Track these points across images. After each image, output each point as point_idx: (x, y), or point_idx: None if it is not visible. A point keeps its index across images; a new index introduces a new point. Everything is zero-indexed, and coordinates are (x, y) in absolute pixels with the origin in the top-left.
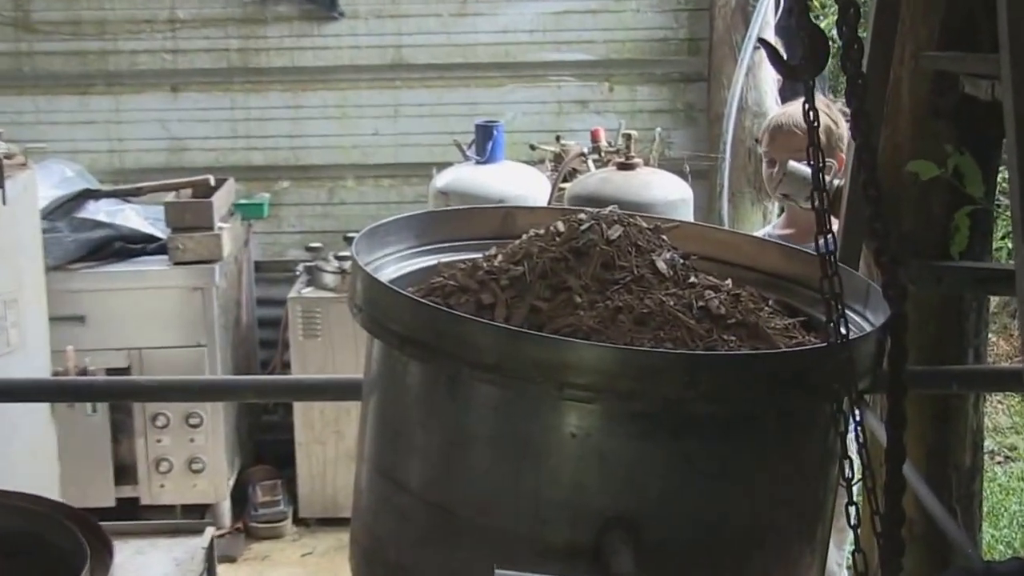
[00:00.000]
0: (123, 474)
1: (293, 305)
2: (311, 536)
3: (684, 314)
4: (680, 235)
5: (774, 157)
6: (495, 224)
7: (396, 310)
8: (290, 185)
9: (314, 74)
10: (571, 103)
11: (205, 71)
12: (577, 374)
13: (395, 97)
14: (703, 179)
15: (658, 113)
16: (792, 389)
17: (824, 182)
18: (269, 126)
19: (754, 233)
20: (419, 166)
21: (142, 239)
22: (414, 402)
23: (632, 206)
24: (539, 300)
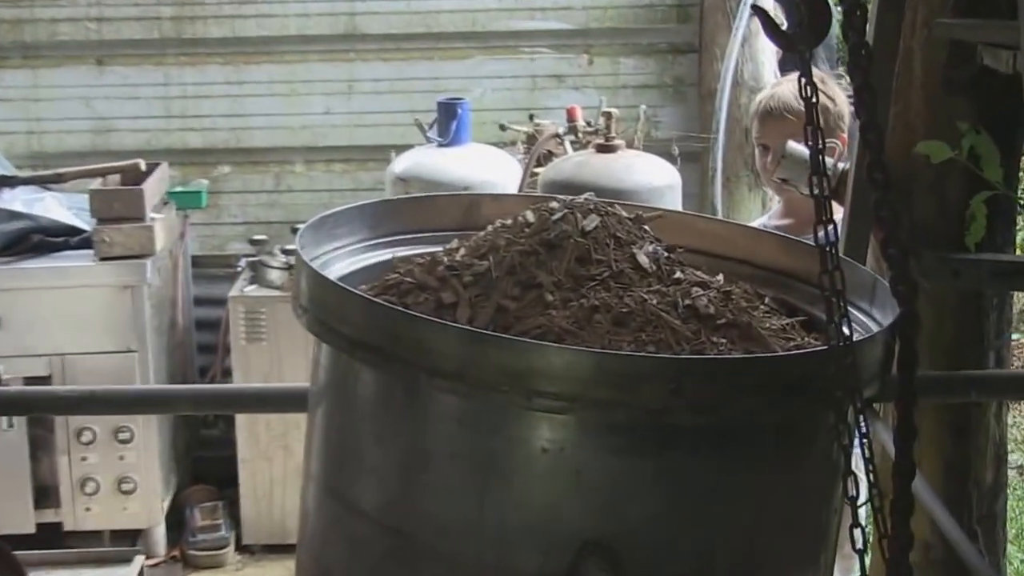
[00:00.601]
0: (44, 496)
1: (235, 305)
2: (256, 565)
3: (668, 314)
4: (665, 225)
5: (766, 143)
6: (458, 214)
7: (346, 311)
8: (231, 171)
9: (258, 45)
10: (546, 78)
11: (134, 42)
12: (548, 381)
13: (349, 71)
14: (694, 162)
15: (643, 89)
16: (790, 398)
17: (824, 165)
18: (207, 104)
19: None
20: (376, 149)
21: (64, 231)
22: (367, 414)
23: (613, 193)
24: (506, 299)
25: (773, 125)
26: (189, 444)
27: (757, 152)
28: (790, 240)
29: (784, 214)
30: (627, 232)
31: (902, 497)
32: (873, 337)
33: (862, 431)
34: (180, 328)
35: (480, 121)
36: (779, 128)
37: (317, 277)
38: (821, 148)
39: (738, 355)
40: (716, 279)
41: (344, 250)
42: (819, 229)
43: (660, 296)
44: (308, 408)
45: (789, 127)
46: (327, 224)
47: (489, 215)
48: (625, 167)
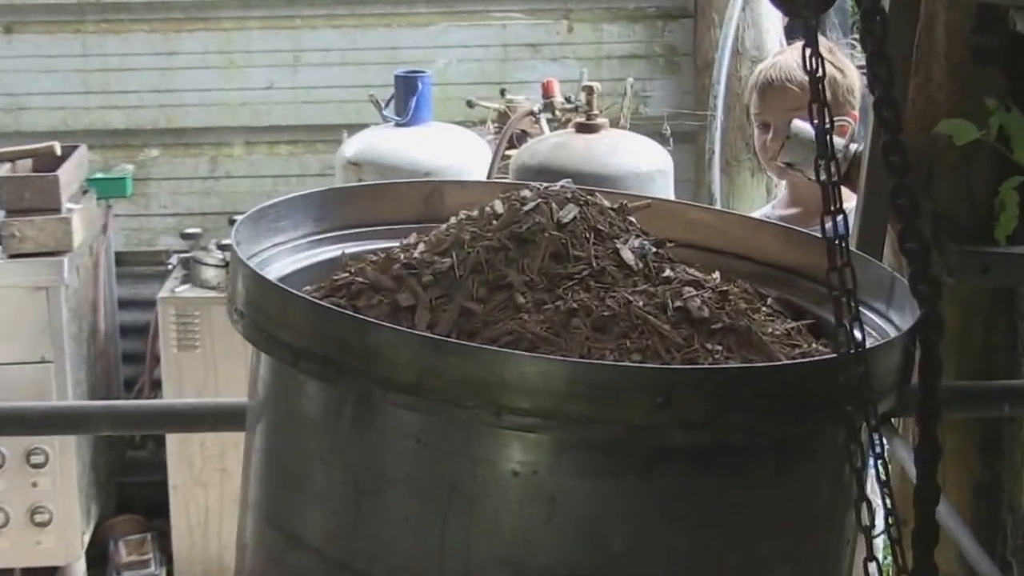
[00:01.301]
0: None
1: (165, 308)
2: None
3: (657, 317)
4: (654, 216)
5: (766, 120)
6: (418, 204)
7: (288, 316)
8: (160, 154)
9: (190, 11)
10: (519, 47)
11: (48, 6)
12: (519, 395)
13: (295, 40)
14: (688, 143)
15: (630, 59)
16: (794, 413)
17: (833, 147)
18: (132, 78)
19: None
20: (325, 129)
21: None
22: (312, 433)
23: (595, 179)
24: (471, 301)
25: (774, 99)
26: (113, 468)
27: (756, 131)
28: (796, 232)
29: (790, 202)
30: (610, 224)
31: (925, 526)
32: (890, 343)
33: (877, 450)
34: (102, 335)
35: (444, 97)
36: (781, 103)
37: (255, 277)
38: (829, 127)
39: (736, 364)
40: (711, 277)
41: (287, 246)
42: (827, 220)
43: (647, 297)
44: (246, 427)
45: (792, 101)
46: (268, 216)
47: (453, 205)
48: (609, 149)
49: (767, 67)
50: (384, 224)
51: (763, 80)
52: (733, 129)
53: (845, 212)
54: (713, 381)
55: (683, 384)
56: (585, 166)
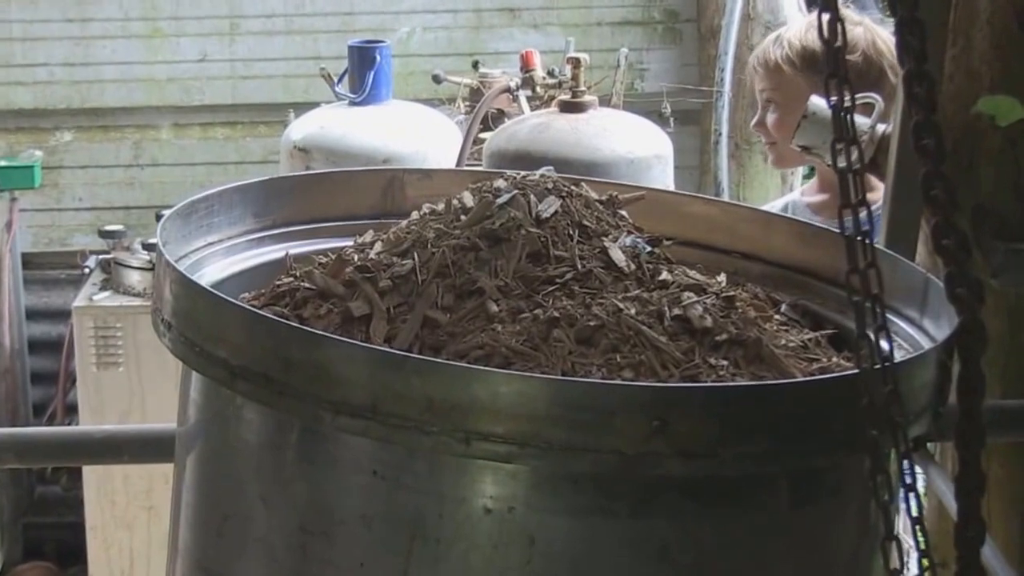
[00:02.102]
0: None
1: (81, 319)
2: None
3: (652, 327)
4: (649, 209)
5: (772, 99)
6: (374, 196)
7: (223, 327)
8: (74, 138)
9: None
10: (495, 12)
11: None
12: (492, 419)
13: (231, 5)
14: (691, 124)
15: (624, 26)
16: (812, 439)
17: (852, 127)
18: (41, 49)
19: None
20: (268, 108)
21: None
22: (252, 465)
23: (581, 166)
24: (436, 310)
25: (781, 77)
26: (19, 507)
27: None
28: (814, 228)
29: (820, 188)
30: (597, 219)
31: (968, 568)
32: (922, 356)
33: (909, 482)
34: (6, 351)
35: (406, 71)
36: (789, 80)
37: (185, 283)
38: (850, 105)
39: (744, 382)
40: (716, 281)
41: (222, 246)
42: (848, 213)
43: (640, 304)
44: (175, 457)
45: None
46: (200, 210)
47: (415, 197)
48: (598, 131)
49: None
50: (335, 220)
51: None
52: (743, 107)
53: (869, 204)
54: (717, 402)
55: (682, 406)
56: (570, 151)
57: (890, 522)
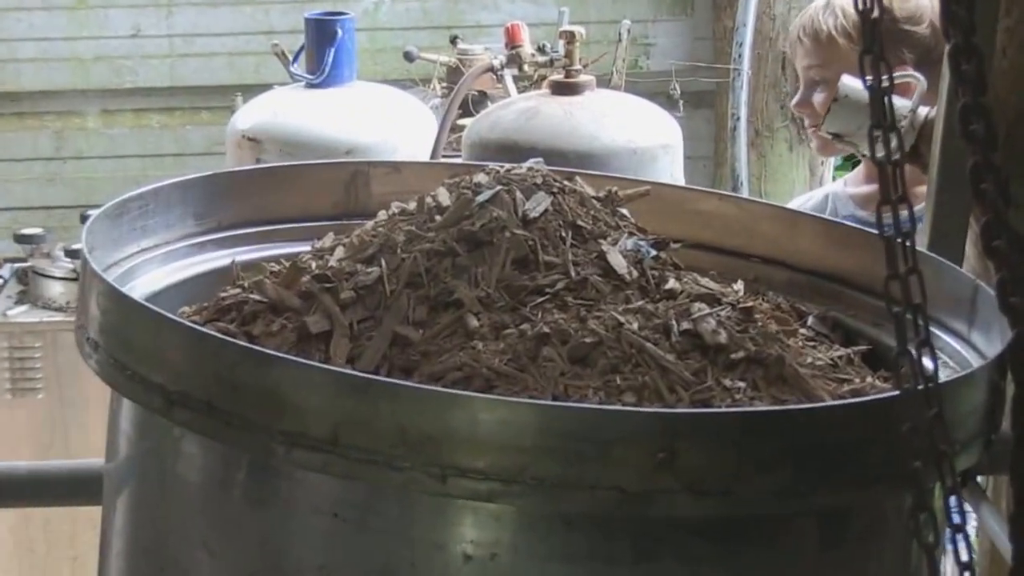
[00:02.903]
0: None
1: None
2: None
3: (657, 344)
4: (654, 207)
5: (816, 76)
6: (335, 193)
7: (159, 347)
8: None
9: None
10: None
11: None
12: (472, 452)
13: None
14: (705, 107)
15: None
16: (843, 473)
17: (892, 112)
18: None
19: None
20: (212, 91)
21: None
22: (193, 508)
23: (575, 158)
24: (406, 325)
25: (833, 51)
26: None
27: (800, 90)
28: (845, 228)
29: (867, 178)
30: (594, 219)
31: None
32: (971, 375)
33: (956, 521)
34: None
35: (373, 47)
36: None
37: (114, 295)
38: (888, 86)
39: (763, 406)
40: (732, 289)
41: (158, 252)
42: (885, 210)
43: (644, 317)
44: (103, 499)
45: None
46: (132, 210)
47: (382, 194)
48: (595, 117)
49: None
50: (290, 221)
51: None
52: (764, 88)
53: (910, 200)
54: (733, 430)
55: (693, 435)
56: (563, 140)
57: (935, 566)
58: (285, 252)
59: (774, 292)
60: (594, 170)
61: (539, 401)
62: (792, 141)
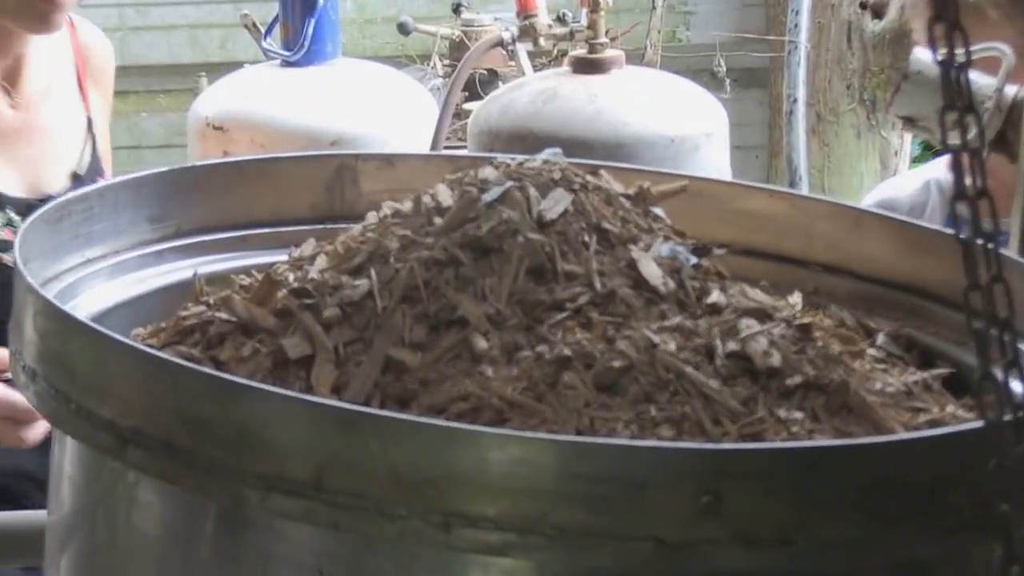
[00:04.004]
0: None
1: None
2: None
3: (699, 368)
4: (694, 206)
5: None
6: (316, 191)
7: (108, 376)
8: None
9: None
10: None
11: None
12: (480, 496)
13: None
14: (755, 88)
15: None
16: (920, 518)
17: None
18: None
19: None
20: (171, 72)
21: None
22: (151, 566)
23: (601, 148)
24: (402, 348)
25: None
26: None
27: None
28: (921, 230)
29: None
30: (623, 221)
31: None
32: None
33: None
34: None
35: (362, 19)
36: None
37: (55, 315)
38: (965, 60)
39: (825, 441)
40: (787, 303)
41: (106, 263)
42: (961, 208)
43: (683, 336)
44: (45, 556)
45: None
46: (74, 214)
47: (372, 193)
48: (625, 100)
49: None
50: (263, 225)
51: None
52: (826, 64)
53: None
54: (790, 469)
55: (742, 475)
56: (586, 127)
57: None
58: (258, 262)
59: (837, 305)
60: (623, 162)
61: (560, 436)
62: (860, 127)
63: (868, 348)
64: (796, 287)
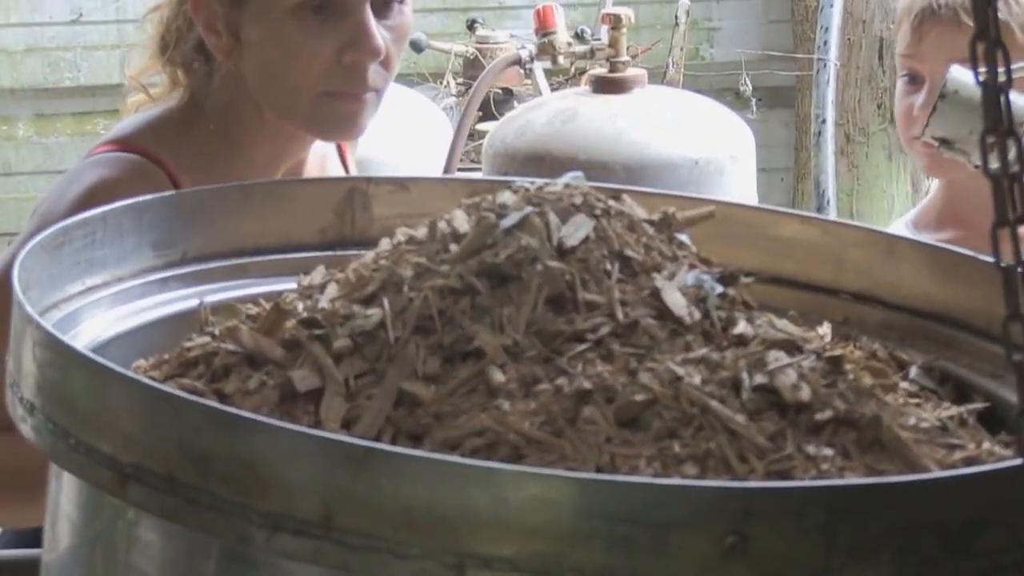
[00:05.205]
0: None
1: None
2: None
3: (725, 402)
4: (720, 232)
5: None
6: (325, 216)
7: (109, 410)
8: None
9: None
10: None
11: None
12: (497, 537)
13: None
14: (782, 108)
15: None
16: (955, 563)
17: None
18: None
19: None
20: None
21: None
22: None
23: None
24: (415, 381)
25: (939, 36)
26: None
27: (900, 84)
28: (957, 256)
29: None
30: (646, 248)
31: None
32: None
33: None
34: None
35: None
36: (949, 42)
37: (54, 346)
38: (1006, 79)
39: (857, 479)
40: (816, 334)
41: (108, 291)
42: (1003, 235)
43: (708, 369)
44: None
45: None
46: (75, 240)
47: (385, 218)
48: (647, 120)
49: None
50: (270, 252)
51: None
52: (856, 83)
53: None
54: (819, 509)
55: (770, 515)
56: (606, 149)
57: None
58: (265, 290)
59: (869, 337)
60: (646, 186)
61: (579, 474)
62: (891, 148)
63: (901, 381)
64: (826, 316)
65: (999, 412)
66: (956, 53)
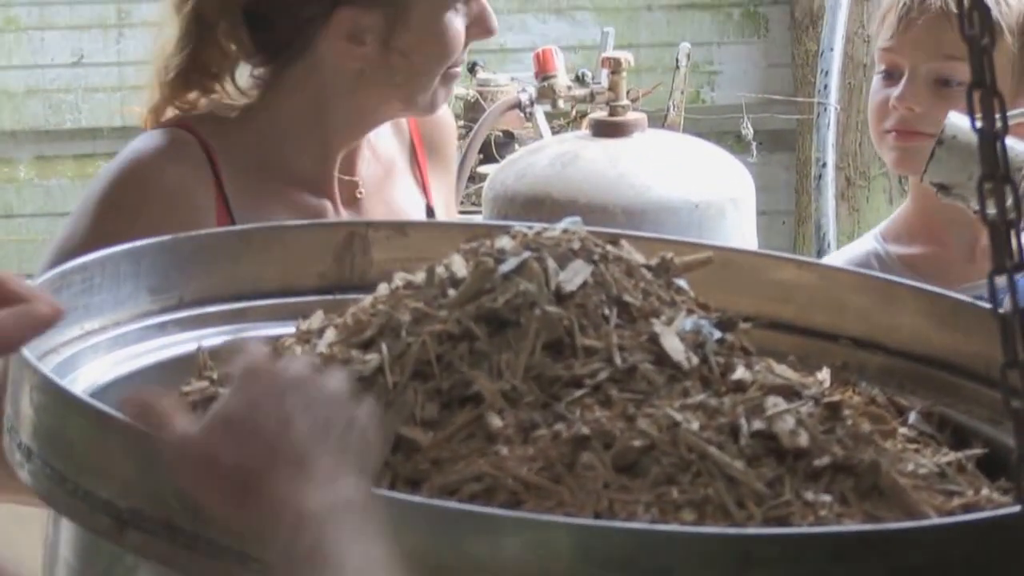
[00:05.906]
0: None
1: None
2: None
3: (723, 448)
4: (719, 277)
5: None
6: (324, 260)
7: (107, 455)
8: None
9: None
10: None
11: None
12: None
13: None
14: (783, 151)
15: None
16: None
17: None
18: None
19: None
20: None
21: None
22: None
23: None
24: (414, 426)
25: (926, 27)
26: None
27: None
28: (955, 302)
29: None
30: (644, 293)
31: None
32: None
33: None
34: None
35: None
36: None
37: (52, 390)
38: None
39: (855, 525)
40: (815, 379)
41: (106, 335)
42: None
43: (707, 415)
44: None
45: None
46: (74, 283)
47: (383, 262)
48: (647, 164)
49: None
50: (269, 296)
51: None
52: (856, 127)
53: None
54: (818, 555)
55: (767, 561)
56: (606, 193)
57: None
58: (263, 335)
59: (867, 382)
60: (645, 231)
61: (577, 520)
62: (892, 192)
63: (899, 427)
64: (825, 361)
65: (998, 458)
66: (940, 46)
